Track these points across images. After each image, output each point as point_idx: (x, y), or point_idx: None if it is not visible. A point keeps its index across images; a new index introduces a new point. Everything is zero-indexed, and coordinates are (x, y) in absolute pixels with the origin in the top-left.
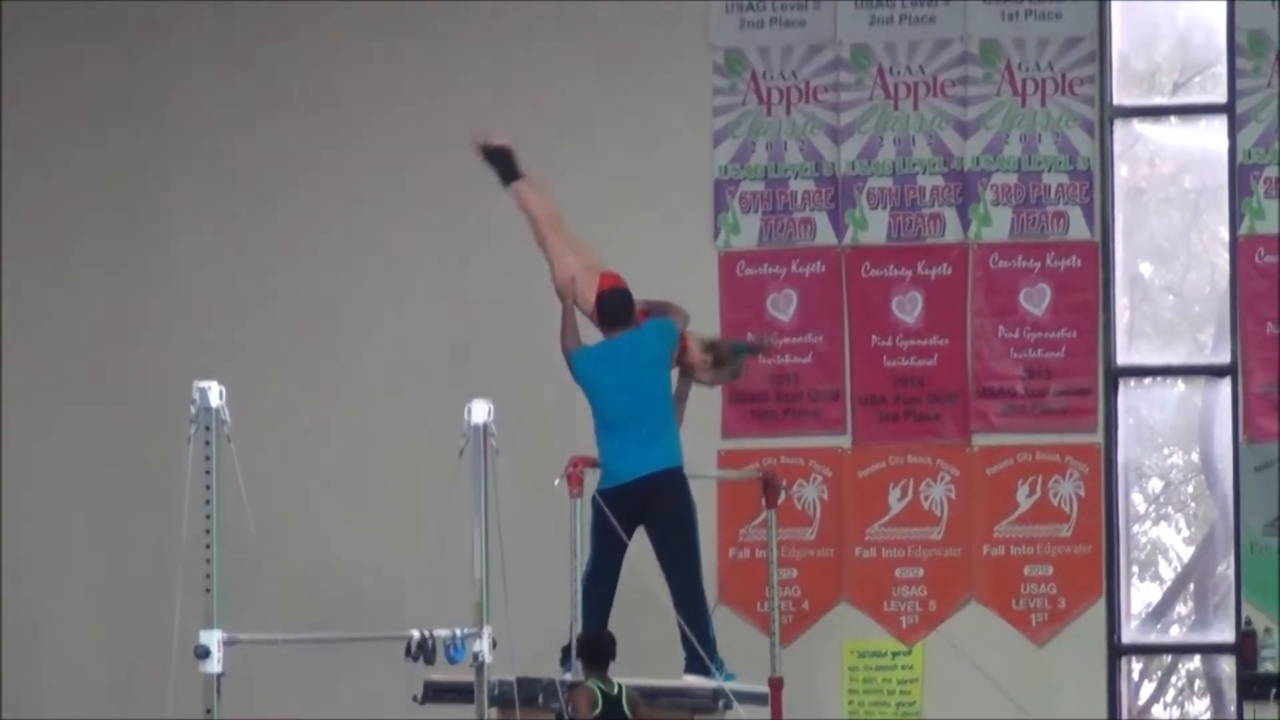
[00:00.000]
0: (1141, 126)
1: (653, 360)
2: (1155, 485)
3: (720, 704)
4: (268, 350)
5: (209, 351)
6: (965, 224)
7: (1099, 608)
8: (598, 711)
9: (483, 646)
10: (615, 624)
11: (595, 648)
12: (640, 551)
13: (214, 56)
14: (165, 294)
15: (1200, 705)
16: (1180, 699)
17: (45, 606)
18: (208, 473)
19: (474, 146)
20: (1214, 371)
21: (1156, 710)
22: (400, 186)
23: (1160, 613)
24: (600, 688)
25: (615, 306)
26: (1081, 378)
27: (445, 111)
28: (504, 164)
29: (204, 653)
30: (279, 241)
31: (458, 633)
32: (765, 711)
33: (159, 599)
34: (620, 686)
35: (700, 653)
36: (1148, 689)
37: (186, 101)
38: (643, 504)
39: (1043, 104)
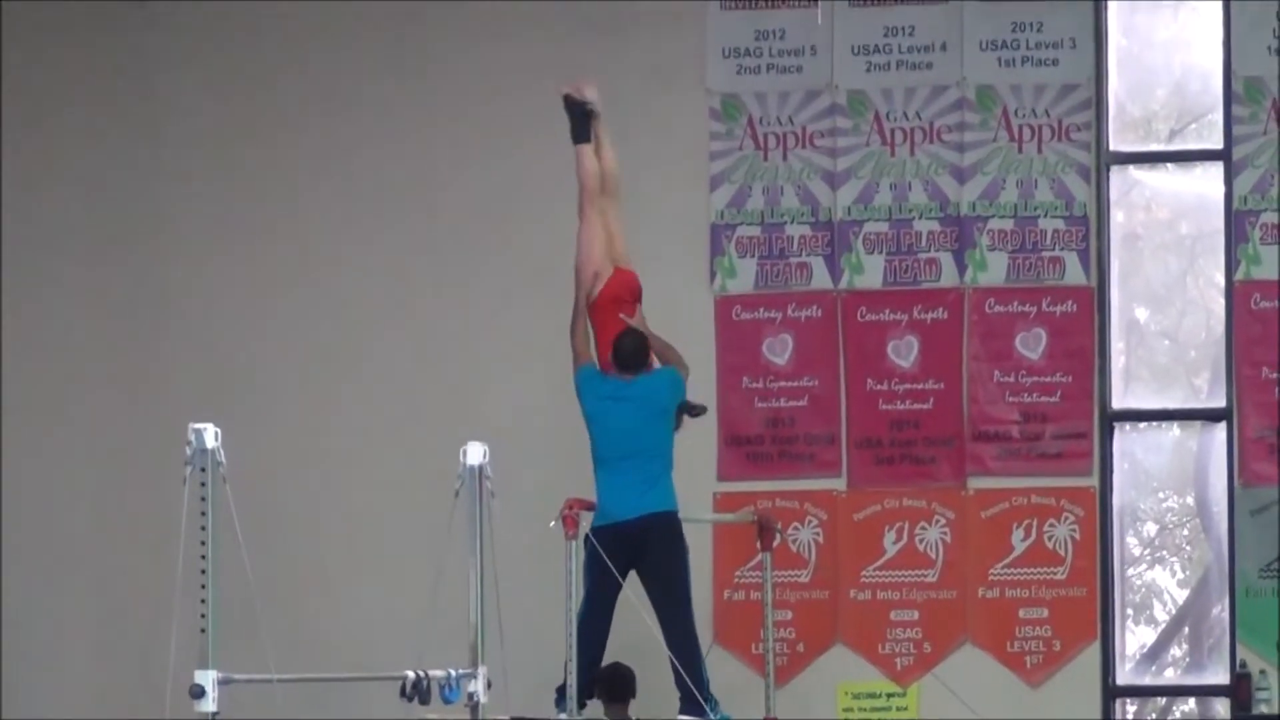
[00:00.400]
0: (1138, 173)
1: (661, 411)
2: (1150, 529)
3: None
4: (264, 392)
5: (205, 393)
6: (961, 269)
7: (1094, 650)
8: None
9: (478, 687)
10: None
11: (615, 683)
12: (636, 593)
13: (209, 83)
14: (162, 334)
15: None
16: None
17: (41, 646)
18: (203, 514)
19: (563, 91)
20: (1210, 416)
21: None
22: (395, 227)
23: (1155, 655)
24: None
25: (630, 354)
26: (1077, 421)
27: (435, 151)
28: (581, 121)
29: (199, 692)
30: (276, 282)
31: (453, 673)
32: None
33: (155, 639)
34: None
35: (695, 694)
36: None
37: (184, 129)
38: (637, 546)
39: (1039, 150)
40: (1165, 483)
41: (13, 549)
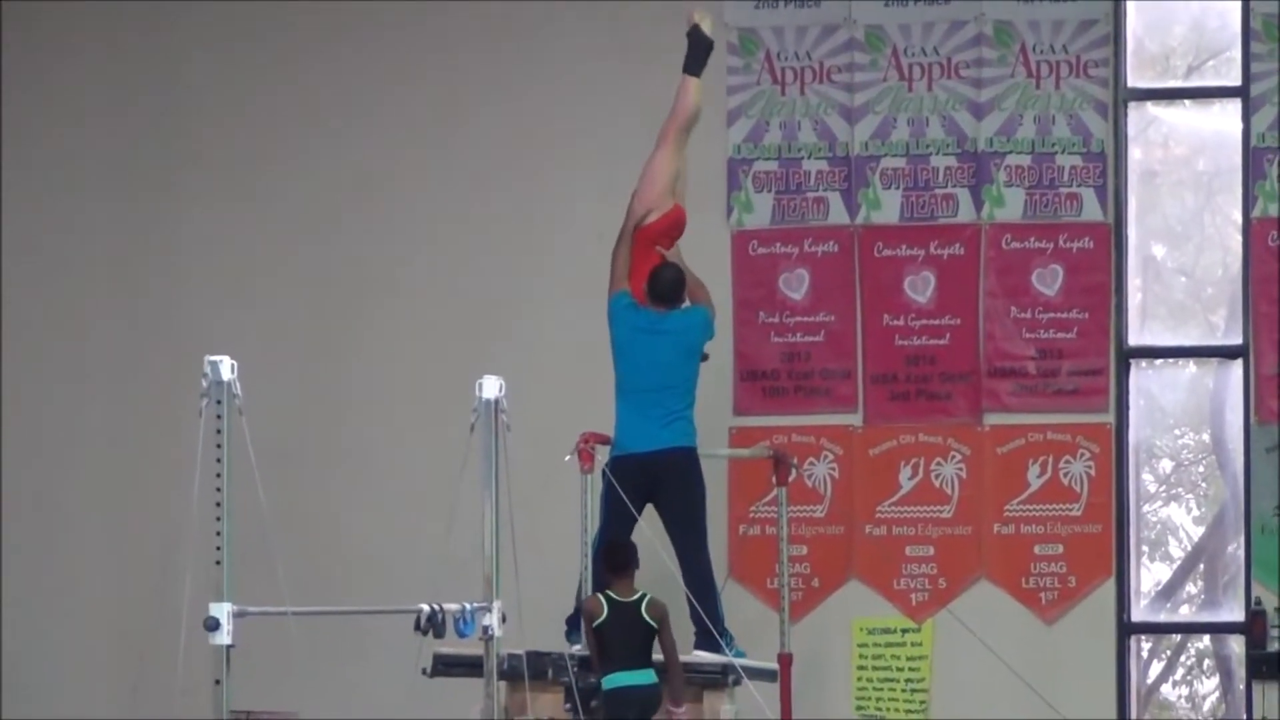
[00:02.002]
0: (1155, 109)
1: (691, 349)
2: (1166, 465)
3: (729, 679)
4: (281, 325)
5: (221, 326)
6: (978, 205)
7: (1108, 587)
8: (602, 617)
9: (492, 620)
10: None
11: (616, 554)
12: (653, 528)
13: (225, 31)
14: (178, 267)
15: (1209, 684)
16: (1189, 678)
17: (56, 581)
18: (219, 446)
19: (692, 21)
20: (1226, 353)
21: (1165, 689)
22: (412, 164)
23: (1170, 592)
24: (611, 595)
25: (667, 289)
26: (1093, 358)
27: (458, 89)
28: (700, 55)
29: (214, 625)
30: (292, 217)
31: (467, 607)
32: (774, 688)
33: (170, 573)
34: (643, 595)
35: (710, 629)
36: (1156, 668)
37: (198, 78)
38: (655, 480)
39: (1057, 86)
40: (1181, 419)
41: (29, 484)
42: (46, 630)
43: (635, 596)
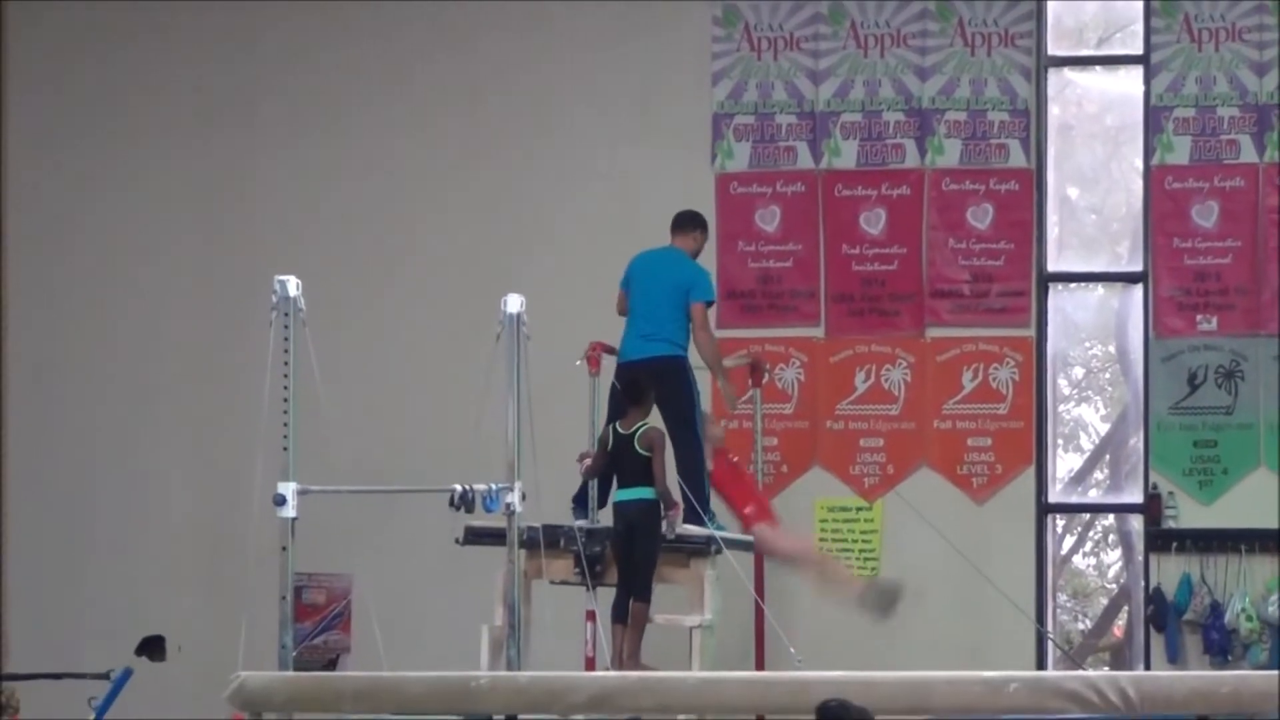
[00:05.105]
0: (1071, 74)
1: (676, 288)
2: (1078, 372)
3: (712, 549)
4: (339, 247)
5: (288, 249)
6: (922, 153)
7: (1029, 473)
8: (610, 445)
9: (514, 498)
10: None
11: (632, 386)
12: None
13: None
14: (252, 195)
15: (1113, 556)
16: (1096, 550)
17: (144, 465)
18: (285, 351)
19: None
20: (1129, 278)
21: (1076, 559)
22: (455, 110)
23: (1080, 478)
24: (616, 427)
25: (682, 220)
26: (1018, 282)
27: (480, 52)
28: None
29: (280, 500)
30: (350, 153)
31: (493, 487)
32: (749, 556)
33: (244, 458)
34: (640, 427)
35: (696, 507)
36: (1069, 541)
37: (278, 20)
38: (655, 381)
39: (989, 54)
40: (1091, 334)
41: (116, 382)
42: (139, 504)
43: (633, 429)
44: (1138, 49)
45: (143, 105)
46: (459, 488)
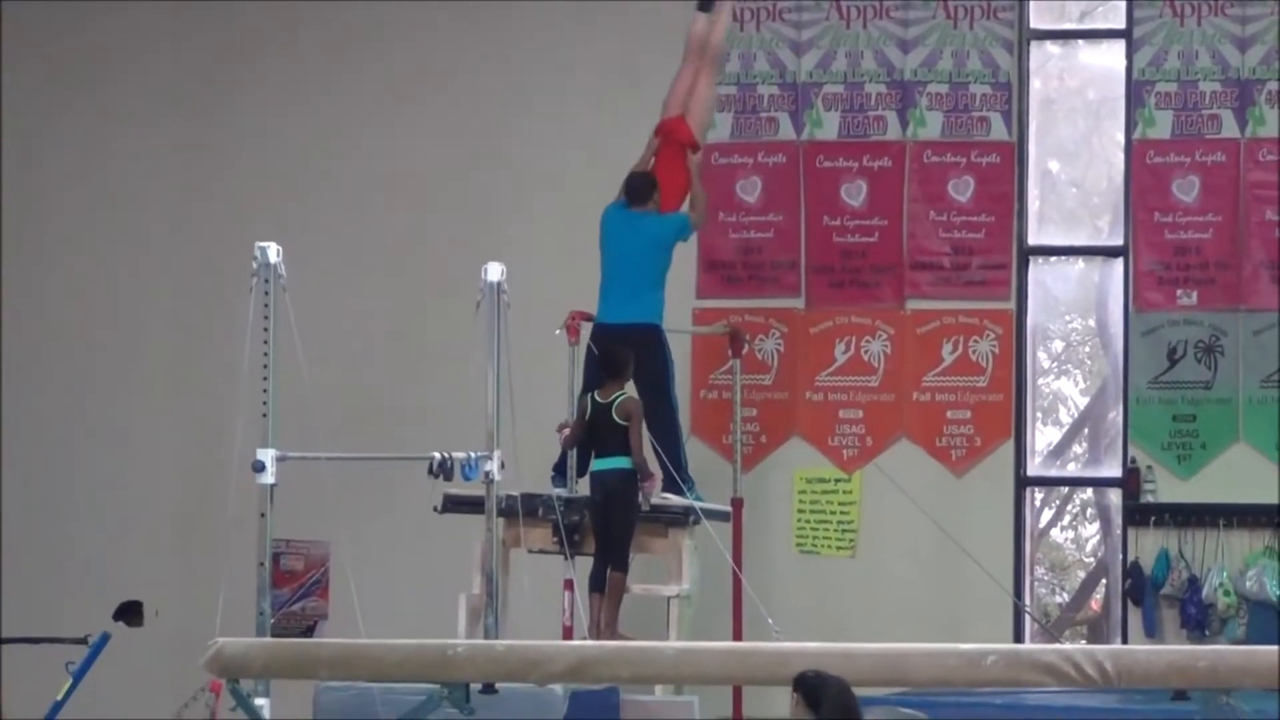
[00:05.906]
0: (1053, 47)
1: (658, 245)
2: (1058, 345)
3: (690, 519)
4: (320, 214)
5: (268, 214)
6: (904, 125)
7: (1008, 446)
8: (588, 414)
9: (493, 466)
10: None
11: (611, 358)
12: None
13: None
14: (232, 163)
15: (1091, 529)
16: (1074, 523)
17: (124, 429)
18: (266, 318)
19: None
20: (1109, 252)
21: (1054, 533)
22: (433, 81)
23: (1059, 451)
24: (594, 397)
25: (633, 190)
26: (998, 255)
27: (460, 20)
28: None
29: (260, 467)
30: (331, 122)
31: (472, 455)
32: (727, 527)
33: (224, 424)
34: (617, 397)
35: (675, 476)
36: (1048, 515)
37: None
38: (631, 351)
39: (971, 27)
40: (1071, 307)
41: (98, 344)
42: (118, 470)
43: (611, 399)
44: (1120, 23)
45: (124, 71)
46: (438, 455)
